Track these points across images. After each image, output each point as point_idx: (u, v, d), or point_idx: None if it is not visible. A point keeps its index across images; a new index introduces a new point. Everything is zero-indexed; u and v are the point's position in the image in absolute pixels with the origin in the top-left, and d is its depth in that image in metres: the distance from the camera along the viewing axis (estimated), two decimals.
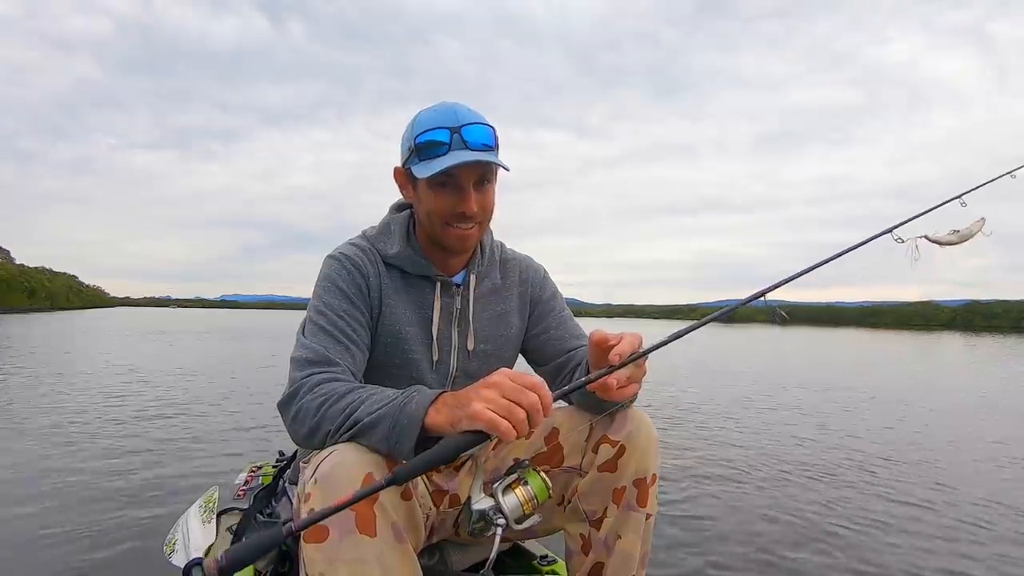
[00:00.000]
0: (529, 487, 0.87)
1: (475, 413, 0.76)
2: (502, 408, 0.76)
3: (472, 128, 1.02)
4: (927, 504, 2.99)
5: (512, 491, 0.87)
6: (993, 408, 6.57)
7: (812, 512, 2.81)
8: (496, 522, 0.84)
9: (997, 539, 2.53)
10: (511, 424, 0.75)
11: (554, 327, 1.23)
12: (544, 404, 0.79)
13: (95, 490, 2.81)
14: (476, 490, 0.87)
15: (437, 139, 1.01)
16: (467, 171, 1.02)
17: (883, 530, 2.60)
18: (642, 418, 1.05)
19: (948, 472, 3.67)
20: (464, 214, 1.04)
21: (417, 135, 1.03)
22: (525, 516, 0.86)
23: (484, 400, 0.77)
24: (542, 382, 0.80)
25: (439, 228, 1.07)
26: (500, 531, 0.83)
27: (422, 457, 0.77)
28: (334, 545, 0.79)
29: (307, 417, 0.89)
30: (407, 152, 1.07)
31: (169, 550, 1.44)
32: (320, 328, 1.01)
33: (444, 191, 1.04)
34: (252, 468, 1.70)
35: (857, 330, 29.42)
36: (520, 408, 0.77)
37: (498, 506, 0.85)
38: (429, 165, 1.01)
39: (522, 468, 0.90)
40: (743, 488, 3.20)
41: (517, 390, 0.78)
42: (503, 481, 0.88)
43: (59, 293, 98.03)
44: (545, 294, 1.27)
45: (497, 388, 0.78)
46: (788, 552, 2.34)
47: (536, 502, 0.87)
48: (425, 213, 1.08)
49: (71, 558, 2.09)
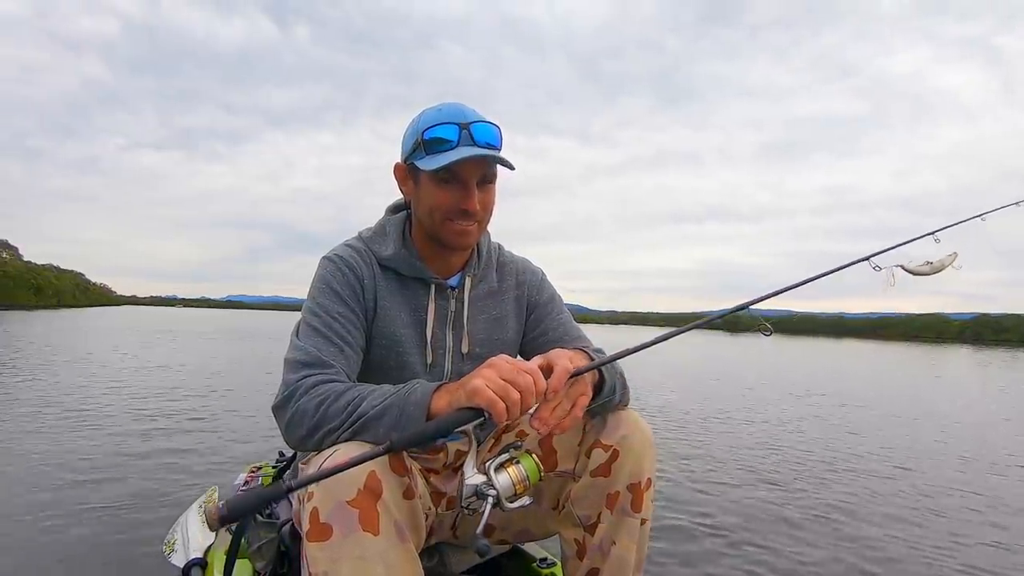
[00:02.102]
0: (521, 467, 0.89)
1: (475, 388, 0.80)
2: (499, 387, 0.80)
3: (480, 126, 1.02)
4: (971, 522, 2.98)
5: (505, 470, 0.88)
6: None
7: (816, 515, 2.81)
8: (488, 493, 0.85)
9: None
10: (506, 404, 0.79)
11: (552, 329, 1.22)
12: (538, 388, 0.82)
13: (94, 490, 2.81)
14: (470, 467, 0.88)
15: (446, 134, 1.01)
16: (472, 168, 1.03)
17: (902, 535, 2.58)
18: (637, 422, 1.04)
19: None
20: (466, 211, 1.04)
21: (424, 130, 1.03)
22: (516, 496, 0.87)
23: (484, 378, 0.81)
24: (537, 369, 0.84)
25: (439, 224, 1.06)
26: (491, 501, 0.84)
27: (419, 428, 0.81)
28: (337, 544, 0.79)
29: (305, 418, 0.89)
30: (412, 147, 1.06)
31: (168, 550, 1.44)
32: (314, 329, 1.01)
33: (448, 187, 1.04)
34: (252, 468, 1.71)
35: (864, 342, 29.13)
36: (515, 390, 0.80)
37: (490, 481, 0.86)
38: (436, 159, 1.00)
39: (515, 449, 0.92)
40: (740, 490, 3.20)
41: (514, 371, 0.82)
42: (496, 460, 0.89)
43: (66, 291, 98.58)
44: (543, 297, 1.26)
45: (496, 369, 0.83)
46: (790, 557, 2.33)
47: (528, 483, 0.88)
48: (426, 209, 1.07)
49: (70, 558, 2.09)
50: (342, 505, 0.80)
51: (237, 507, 0.68)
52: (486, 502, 0.84)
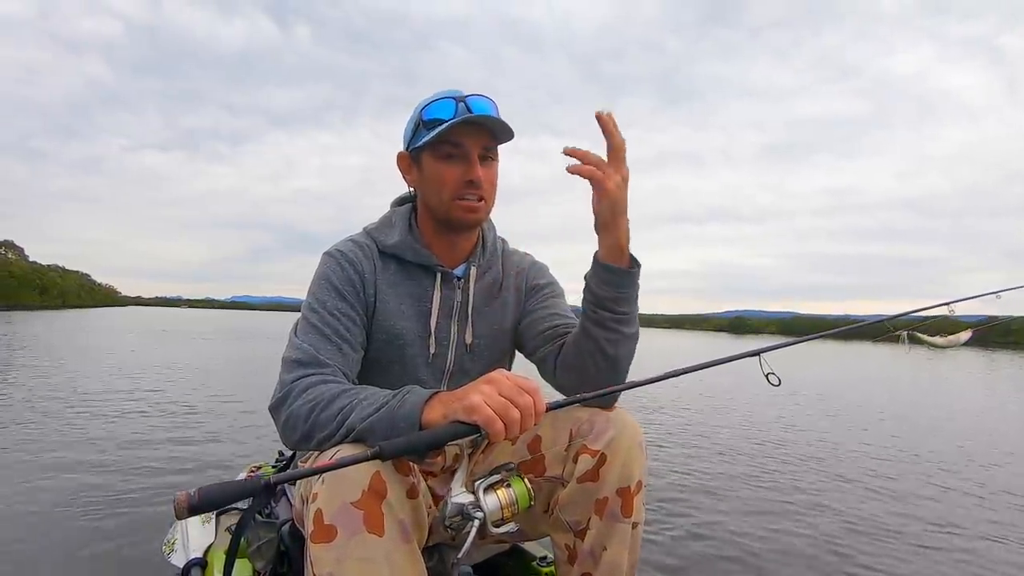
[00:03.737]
0: (512, 491, 0.85)
1: (473, 405, 0.77)
2: (499, 406, 0.77)
3: (476, 99, 1.03)
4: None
5: (494, 491, 0.85)
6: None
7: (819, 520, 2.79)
8: (474, 515, 0.81)
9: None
10: (504, 424, 0.76)
11: (542, 307, 1.20)
12: (537, 409, 0.79)
13: (93, 490, 2.81)
14: (457, 484, 0.85)
15: (443, 108, 1.02)
16: (473, 138, 1.04)
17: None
18: (625, 423, 1.01)
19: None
20: (472, 181, 1.05)
21: (423, 108, 1.05)
22: (503, 520, 0.84)
23: (483, 394, 0.78)
24: (537, 388, 0.81)
25: (447, 203, 1.06)
26: (476, 525, 0.81)
27: (410, 438, 0.77)
28: (342, 545, 0.78)
29: (298, 423, 0.89)
30: (412, 131, 1.08)
31: (168, 550, 1.43)
32: (312, 326, 1.00)
33: (451, 161, 1.05)
34: (251, 468, 1.70)
35: (873, 344, 28.73)
36: (515, 409, 0.77)
37: (477, 503, 0.83)
38: (435, 131, 1.02)
39: (507, 471, 0.88)
40: (739, 492, 3.18)
41: (515, 390, 0.79)
42: (486, 480, 0.86)
43: (71, 291, 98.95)
44: (541, 281, 1.25)
45: (495, 385, 0.79)
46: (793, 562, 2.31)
47: (516, 508, 0.85)
48: (433, 189, 1.07)
49: (70, 557, 2.08)
50: (346, 506, 0.79)
51: (209, 498, 0.64)
52: (471, 525, 0.81)
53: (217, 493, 0.65)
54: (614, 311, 0.98)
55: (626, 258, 0.97)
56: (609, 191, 0.91)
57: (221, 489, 0.65)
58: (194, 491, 0.64)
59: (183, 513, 0.64)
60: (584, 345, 1.02)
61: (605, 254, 0.96)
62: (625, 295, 0.98)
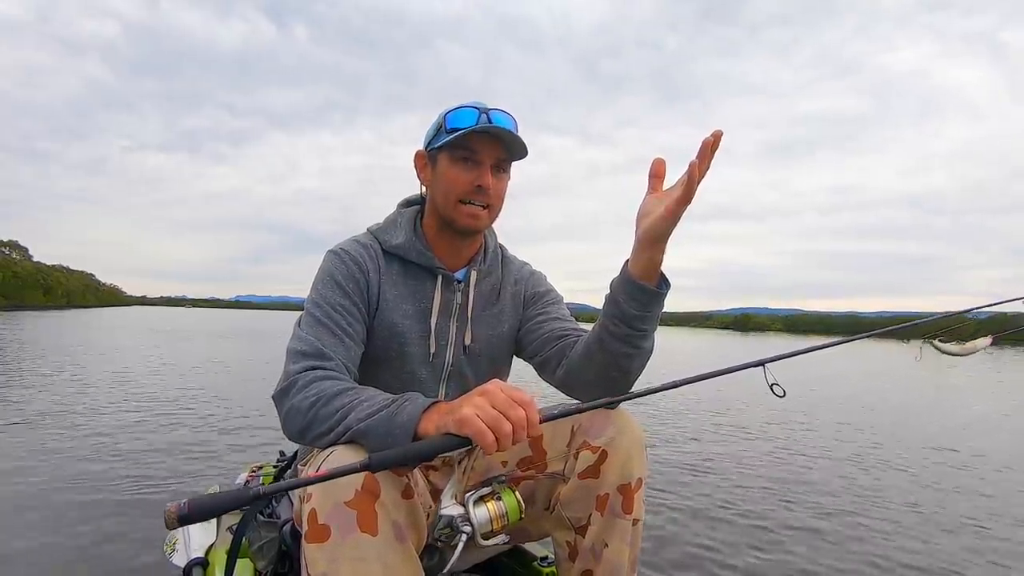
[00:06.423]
0: (502, 504, 0.85)
1: (464, 418, 0.76)
2: (491, 418, 0.76)
3: (498, 113, 1.07)
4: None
5: (484, 504, 0.85)
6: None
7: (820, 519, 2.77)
8: (462, 529, 0.82)
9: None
10: (496, 437, 0.75)
11: (543, 314, 1.22)
12: (530, 422, 0.78)
13: (94, 490, 2.83)
14: (448, 496, 0.85)
15: (466, 116, 1.07)
16: (488, 148, 1.07)
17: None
18: (626, 421, 1.03)
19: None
20: (481, 187, 1.08)
21: (447, 114, 1.09)
22: (492, 533, 0.84)
23: (475, 407, 0.77)
24: (532, 400, 0.79)
25: (453, 206, 1.09)
26: (464, 539, 0.81)
27: (400, 450, 0.77)
28: (336, 544, 0.79)
29: (298, 416, 0.91)
30: (433, 132, 1.12)
31: (169, 550, 1.44)
32: (316, 320, 1.02)
33: (465, 166, 1.08)
34: (252, 468, 1.70)
35: (879, 341, 28.55)
36: (507, 422, 0.76)
37: (467, 515, 0.83)
38: (455, 135, 1.06)
39: (498, 483, 0.88)
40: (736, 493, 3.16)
41: (508, 403, 0.77)
42: (476, 492, 0.86)
43: (76, 291, 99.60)
44: (540, 289, 1.27)
45: (489, 397, 0.78)
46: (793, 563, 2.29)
47: (506, 520, 0.85)
48: (443, 189, 1.10)
49: (71, 557, 2.09)
50: (340, 506, 0.79)
51: (199, 509, 0.64)
52: (459, 537, 0.81)
53: (207, 504, 0.65)
54: (637, 328, 0.96)
55: (658, 277, 0.94)
56: (682, 207, 0.86)
57: (211, 500, 0.65)
58: (184, 502, 0.64)
59: (173, 524, 0.64)
60: (598, 356, 1.01)
61: (640, 272, 0.92)
62: (652, 314, 0.96)
